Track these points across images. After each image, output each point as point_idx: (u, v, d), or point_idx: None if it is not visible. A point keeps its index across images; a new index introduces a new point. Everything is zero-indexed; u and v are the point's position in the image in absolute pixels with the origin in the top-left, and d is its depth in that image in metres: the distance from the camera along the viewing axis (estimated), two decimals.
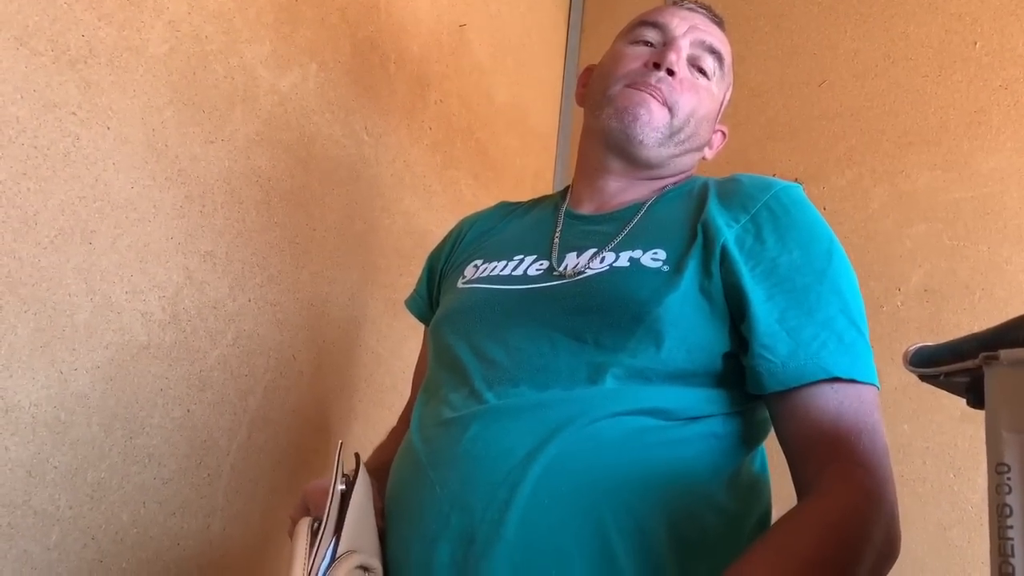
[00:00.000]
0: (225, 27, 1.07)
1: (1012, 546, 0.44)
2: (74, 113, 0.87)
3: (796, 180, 1.60)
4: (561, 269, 0.83)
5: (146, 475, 0.94)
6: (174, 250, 0.99)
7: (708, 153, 0.96)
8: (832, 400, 0.69)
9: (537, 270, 0.84)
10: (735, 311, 0.73)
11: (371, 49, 1.36)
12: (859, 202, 1.55)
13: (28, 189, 0.82)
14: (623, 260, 0.80)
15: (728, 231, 0.76)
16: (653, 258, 0.79)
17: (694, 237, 0.78)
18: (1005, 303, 1.41)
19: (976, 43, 1.52)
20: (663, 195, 0.89)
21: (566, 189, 1.00)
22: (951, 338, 0.56)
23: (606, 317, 0.75)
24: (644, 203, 0.89)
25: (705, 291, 0.74)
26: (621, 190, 0.91)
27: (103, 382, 0.90)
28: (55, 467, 0.85)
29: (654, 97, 0.86)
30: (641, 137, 0.86)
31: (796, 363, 0.69)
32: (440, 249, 1.03)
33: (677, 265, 0.76)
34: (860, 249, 1.53)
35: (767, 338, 0.70)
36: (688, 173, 0.93)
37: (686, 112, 0.88)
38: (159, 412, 0.97)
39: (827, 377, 0.68)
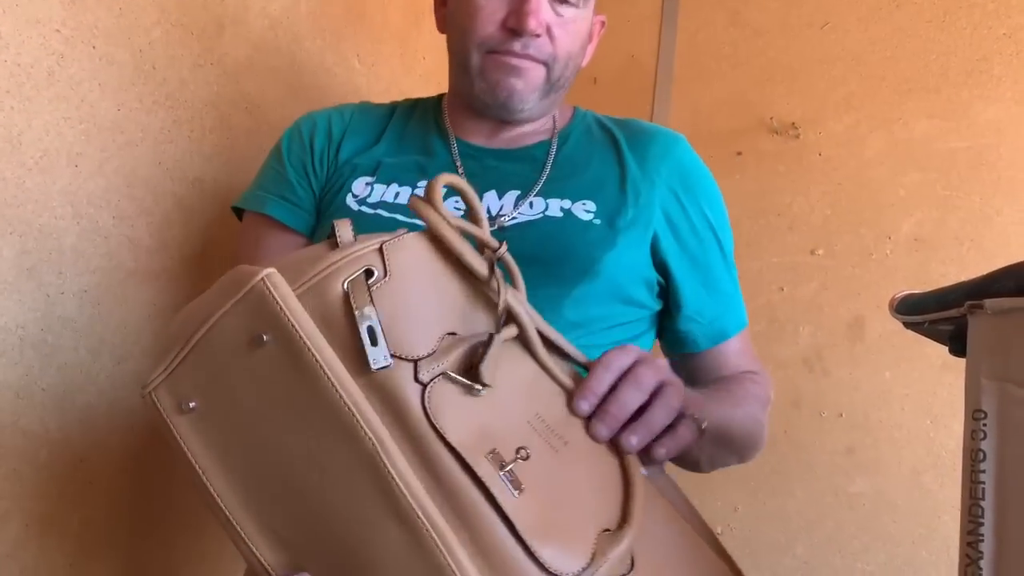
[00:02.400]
0: None
1: (983, 489, 0.45)
2: (58, 31, 0.84)
3: (793, 124, 1.58)
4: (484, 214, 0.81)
5: (134, 400, 0.95)
6: (162, 176, 0.98)
7: (587, 61, 0.92)
8: (739, 342, 0.91)
9: (455, 208, 0.78)
10: (659, 270, 0.86)
11: None
12: (855, 149, 1.54)
13: (12, 108, 0.80)
14: (555, 209, 0.81)
15: (656, 206, 0.84)
16: (585, 210, 0.81)
17: (623, 198, 0.83)
18: (993, 255, 1.42)
19: None
20: (565, 134, 0.90)
21: (437, 102, 0.94)
22: (938, 288, 0.56)
23: (547, 269, 0.76)
24: (548, 142, 0.88)
25: (635, 254, 0.82)
26: (509, 128, 0.89)
27: (90, 306, 0.90)
28: (43, 389, 0.85)
29: (524, 61, 0.81)
30: (520, 106, 0.84)
31: (719, 325, 0.88)
32: (303, 148, 0.89)
33: (610, 221, 0.81)
34: (853, 196, 1.53)
35: (693, 310, 0.87)
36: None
37: (563, 59, 0.84)
38: (146, 338, 0.97)
39: (738, 331, 0.90)
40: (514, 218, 0.81)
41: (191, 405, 0.53)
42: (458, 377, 0.52)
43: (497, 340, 0.55)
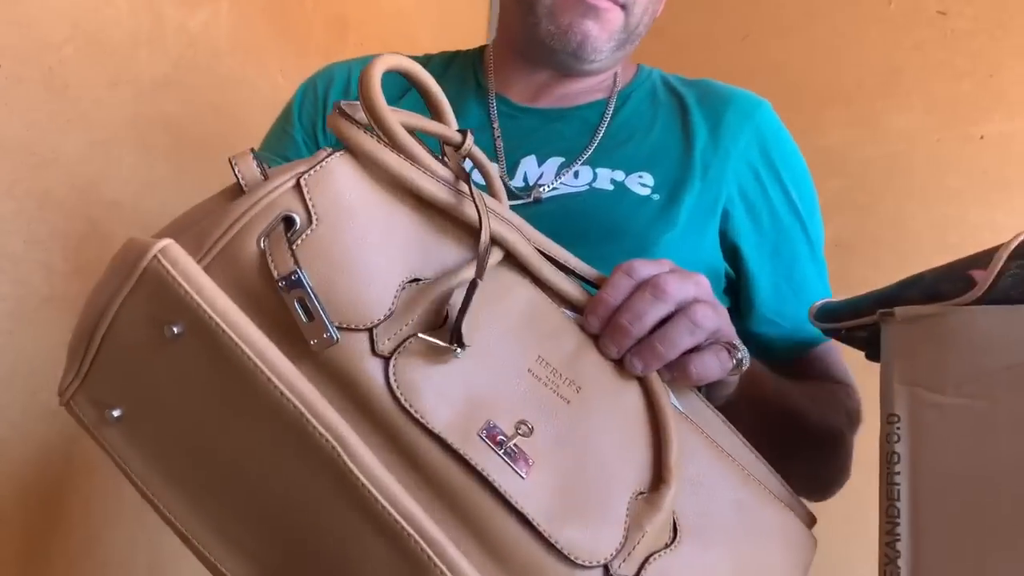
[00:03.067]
0: None
1: (898, 491, 0.47)
2: None
3: None
4: (519, 182, 0.71)
5: (51, 432, 0.91)
6: (77, 198, 0.94)
7: (661, 9, 0.79)
8: (829, 354, 0.75)
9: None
10: (729, 258, 0.72)
11: None
12: None
13: None
14: (604, 180, 0.70)
15: (728, 182, 0.70)
16: (641, 183, 0.70)
17: (688, 171, 0.70)
18: (908, 258, 1.47)
19: (891, 2, 1.55)
20: (626, 94, 0.77)
21: (479, 53, 0.81)
22: (859, 290, 0.58)
23: (593, 251, 0.63)
24: (604, 102, 0.76)
25: (700, 237, 0.70)
26: (564, 84, 0.77)
27: (2, 335, 0.86)
28: None
29: (602, 1, 0.70)
30: (593, 56, 0.72)
31: (804, 332, 0.71)
32: (315, 104, 0.80)
33: (670, 196, 0.69)
34: None
35: (772, 310, 0.72)
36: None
37: (644, 2, 0.73)
38: (62, 368, 0.93)
39: (827, 340, 0.73)
40: (554, 189, 0.69)
41: (115, 414, 0.43)
42: (429, 339, 0.42)
43: (480, 285, 0.44)
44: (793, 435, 0.65)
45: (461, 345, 0.42)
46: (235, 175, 0.43)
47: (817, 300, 0.68)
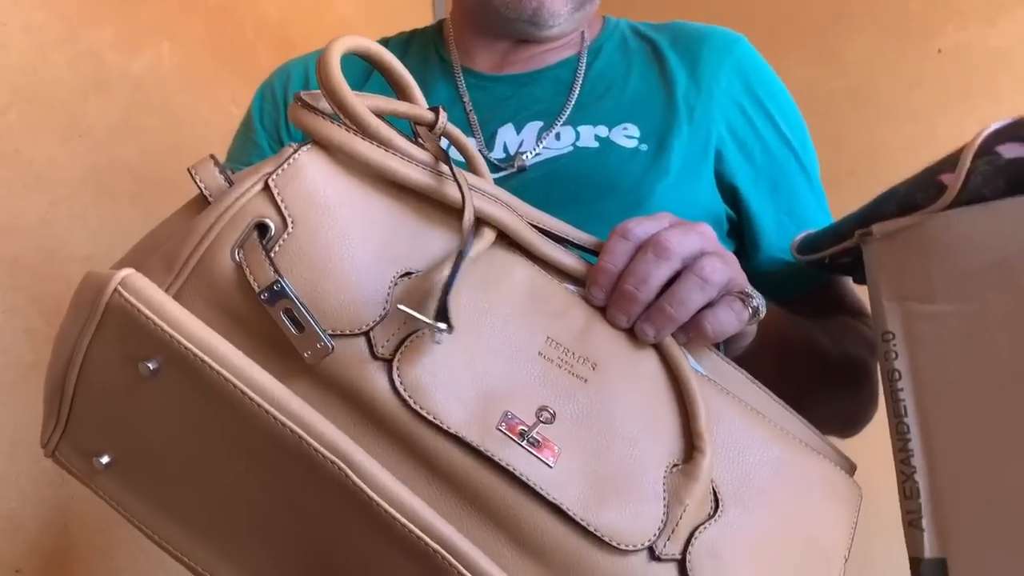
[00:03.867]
0: (59, 13, 1.00)
1: (904, 406, 0.47)
2: None
3: None
4: (499, 153, 0.68)
5: (62, 495, 0.90)
6: (47, 260, 0.93)
7: None
8: (840, 285, 0.72)
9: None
10: (728, 200, 0.70)
11: (225, 18, 1.29)
12: None
13: None
14: (588, 138, 0.67)
15: (715, 122, 0.68)
16: (626, 135, 0.67)
17: (673, 116, 0.68)
18: (888, 183, 1.47)
19: None
20: (596, 48, 0.74)
21: (437, 29, 0.79)
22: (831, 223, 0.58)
23: (586, 211, 0.61)
24: (575, 59, 0.73)
25: (695, 182, 0.67)
26: (529, 47, 0.74)
27: None
28: None
29: None
30: (551, 22, 0.69)
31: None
32: (275, 105, 0.77)
33: (659, 144, 0.66)
34: None
35: (778, 246, 0.68)
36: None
37: None
38: None
39: None
40: (538, 154, 0.67)
41: (104, 461, 0.40)
42: (409, 311, 0.38)
43: (466, 257, 0.40)
44: (817, 374, 0.64)
45: (446, 322, 0.38)
46: (197, 185, 0.40)
47: (819, 226, 0.65)
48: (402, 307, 0.38)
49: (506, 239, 0.46)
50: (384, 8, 1.80)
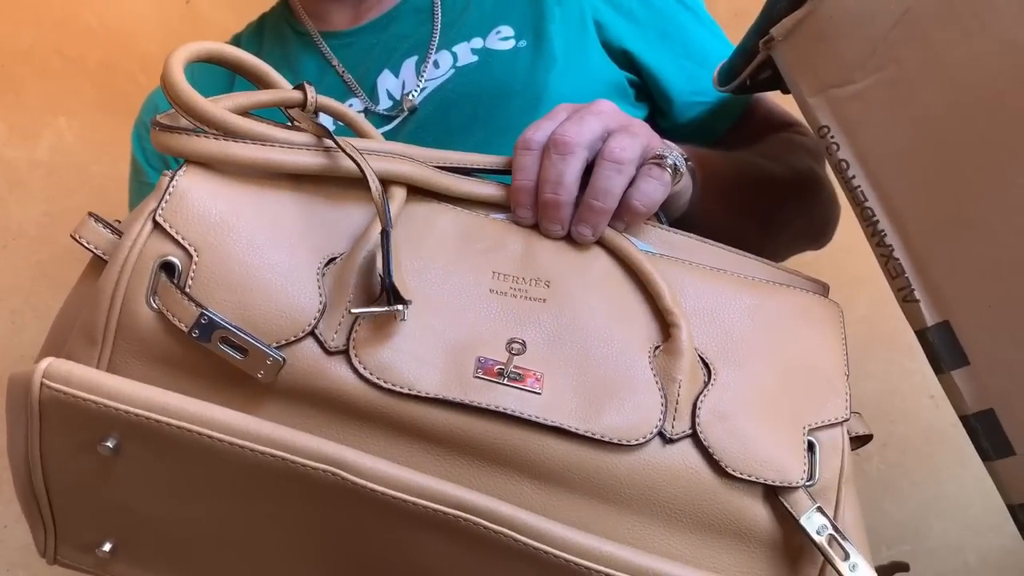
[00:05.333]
0: None
1: (862, 191, 0.46)
2: None
3: None
4: (385, 103, 0.67)
5: None
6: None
7: None
8: (763, 105, 0.71)
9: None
10: (625, 65, 0.68)
11: (110, 73, 1.26)
12: None
13: None
14: (465, 55, 0.66)
15: None
16: (501, 38, 0.66)
17: (541, 2, 0.66)
18: None
19: None
20: None
21: (284, 5, 0.77)
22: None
23: (489, 124, 0.62)
24: None
25: (586, 60, 0.66)
26: None
27: None
28: None
29: None
30: None
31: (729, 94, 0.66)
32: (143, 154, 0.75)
33: (536, 35, 0.65)
34: None
35: (688, 91, 0.67)
36: None
37: None
38: None
39: None
40: (423, 89, 0.65)
41: (107, 548, 0.40)
42: (368, 310, 0.38)
43: (395, 233, 0.40)
44: (771, 198, 0.64)
45: (402, 302, 0.37)
46: (85, 248, 0.39)
47: (721, 59, 0.64)
48: (356, 310, 0.38)
49: (418, 191, 0.45)
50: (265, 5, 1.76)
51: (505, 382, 0.39)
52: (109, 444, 0.35)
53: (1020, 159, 0.40)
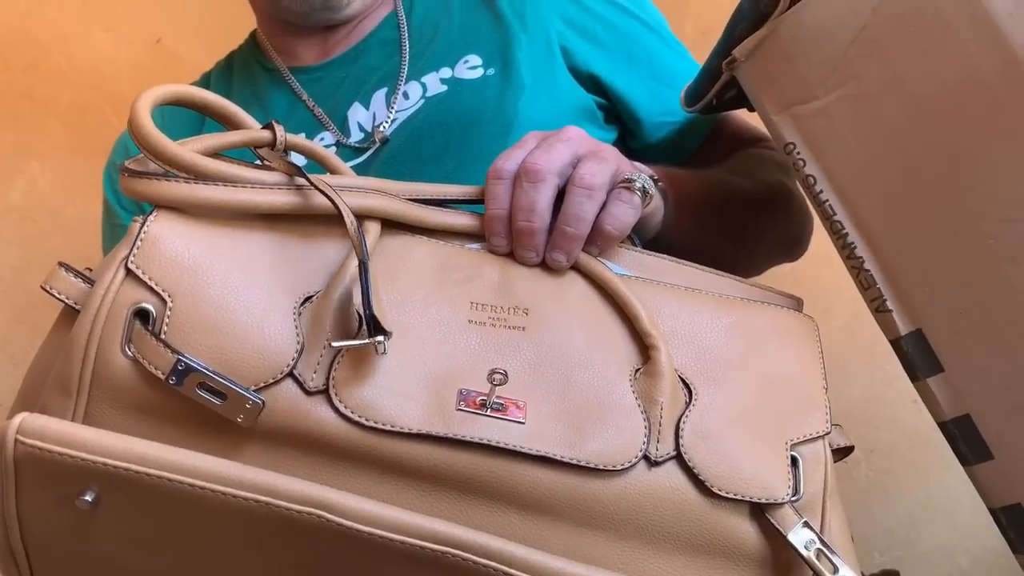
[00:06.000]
0: None
1: (830, 206, 0.47)
2: None
3: None
4: (357, 135, 0.67)
5: None
6: None
7: None
8: (730, 123, 0.72)
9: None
10: (593, 89, 0.69)
11: (82, 113, 1.26)
12: None
13: None
14: (434, 85, 0.67)
15: (550, 19, 0.68)
16: (469, 67, 0.67)
17: (507, 31, 0.67)
18: None
19: None
20: (407, 1, 0.73)
21: (252, 41, 0.78)
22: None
23: (460, 153, 0.62)
24: (393, 15, 0.72)
25: (554, 85, 0.67)
26: (343, 28, 0.73)
27: None
28: None
29: None
30: (340, 3, 0.69)
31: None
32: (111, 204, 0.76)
33: (504, 63, 0.66)
34: None
35: (657, 111, 0.68)
36: None
37: None
38: None
39: None
40: (394, 120, 0.66)
41: None
42: (349, 344, 0.37)
43: (373, 267, 0.40)
44: (744, 214, 0.65)
45: (383, 333, 0.37)
46: (56, 299, 0.39)
47: (688, 79, 0.65)
48: (336, 343, 0.37)
49: (392, 224, 0.45)
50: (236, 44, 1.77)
51: (488, 413, 0.39)
52: (88, 498, 0.35)
53: (979, 168, 0.41)
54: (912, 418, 1.11)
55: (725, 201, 0.63)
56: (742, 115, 0.72)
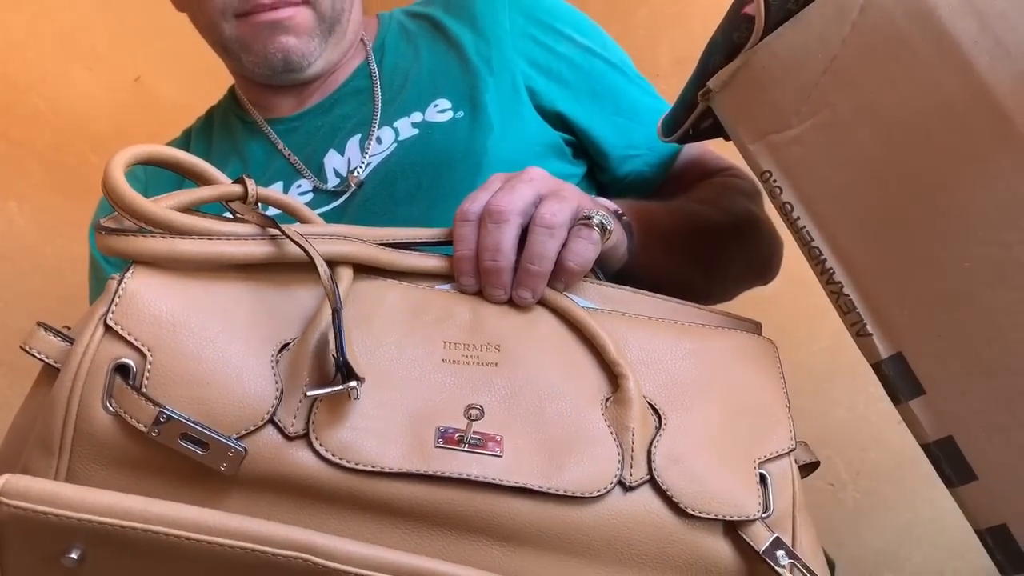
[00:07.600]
0: None
1: (808, 232, 0.48)
2: None
3: None
4: (333, 180, 0.69)
5: None
6: None
7: None
8: (695, 151, 0.74)
9: (301, 198, 0.67)
10: (560, 127, 0.71)
11: (60, 153, 1.26)
12: None
13: None
14: (406, 129, 0.69)
15: (515, 60, 0.70)
16: (439, 111, 0.69)
17: (474, 74, 0.69)
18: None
19: None
20: (379, 47, 0.75)
21: (230, 96, 0.80)
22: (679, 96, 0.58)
23: (434, 194, 0.64)
24: (365, 65, 0.74)
25: (522, 124, 0.69)
26: (315, 82, 0.75)
27: None
28: None
29: (281, 11, 0.67)
30: (304, 62, 0.70)
31: (660, 146, 0.71)
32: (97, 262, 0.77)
33: (472, 105, 0.68)
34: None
35: (623, 146, 0.71)
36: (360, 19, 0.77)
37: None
38: None
39: None
40: (368, 164, 0.68)
41: None
42: (323, 392, 0.38)
43: (341, 312, 0.40)
44: (710, 243, 0.66)
45: (356, 379, 0.38)
46: (37, 359, 0.39)
47: (652, 113, 0.70)
48: (311, 392, 0.38)
49: (364, 269, 0.46)
50: (213, 81, 1.77)
51: (466, 449, 0.40)
52: (73, 555, 0.35)
53: (952, 192, 0.42)
54: (898, 439, 1.11)
55: (693, 230, 0.65)
56: (707, 145, 0.75)
